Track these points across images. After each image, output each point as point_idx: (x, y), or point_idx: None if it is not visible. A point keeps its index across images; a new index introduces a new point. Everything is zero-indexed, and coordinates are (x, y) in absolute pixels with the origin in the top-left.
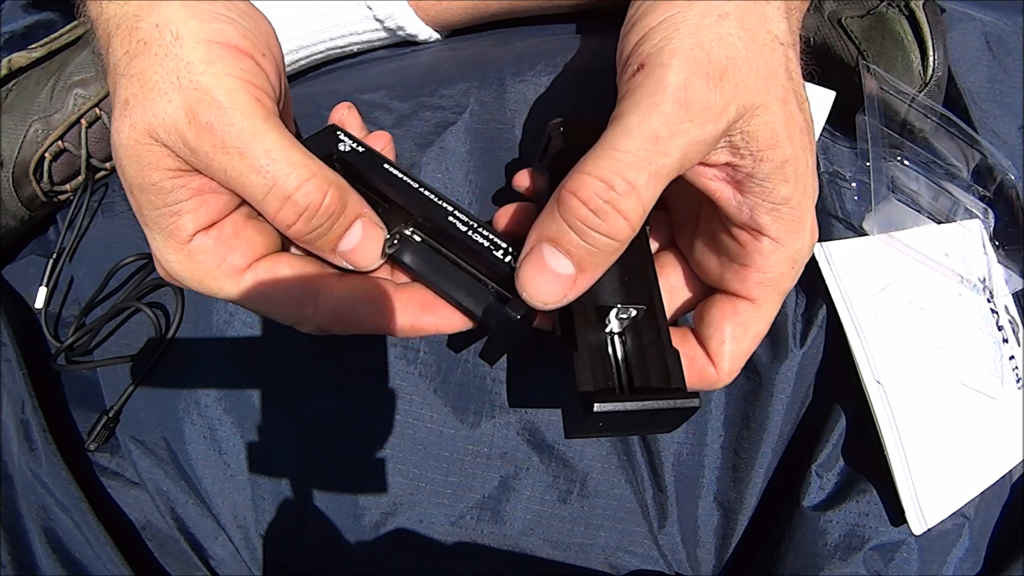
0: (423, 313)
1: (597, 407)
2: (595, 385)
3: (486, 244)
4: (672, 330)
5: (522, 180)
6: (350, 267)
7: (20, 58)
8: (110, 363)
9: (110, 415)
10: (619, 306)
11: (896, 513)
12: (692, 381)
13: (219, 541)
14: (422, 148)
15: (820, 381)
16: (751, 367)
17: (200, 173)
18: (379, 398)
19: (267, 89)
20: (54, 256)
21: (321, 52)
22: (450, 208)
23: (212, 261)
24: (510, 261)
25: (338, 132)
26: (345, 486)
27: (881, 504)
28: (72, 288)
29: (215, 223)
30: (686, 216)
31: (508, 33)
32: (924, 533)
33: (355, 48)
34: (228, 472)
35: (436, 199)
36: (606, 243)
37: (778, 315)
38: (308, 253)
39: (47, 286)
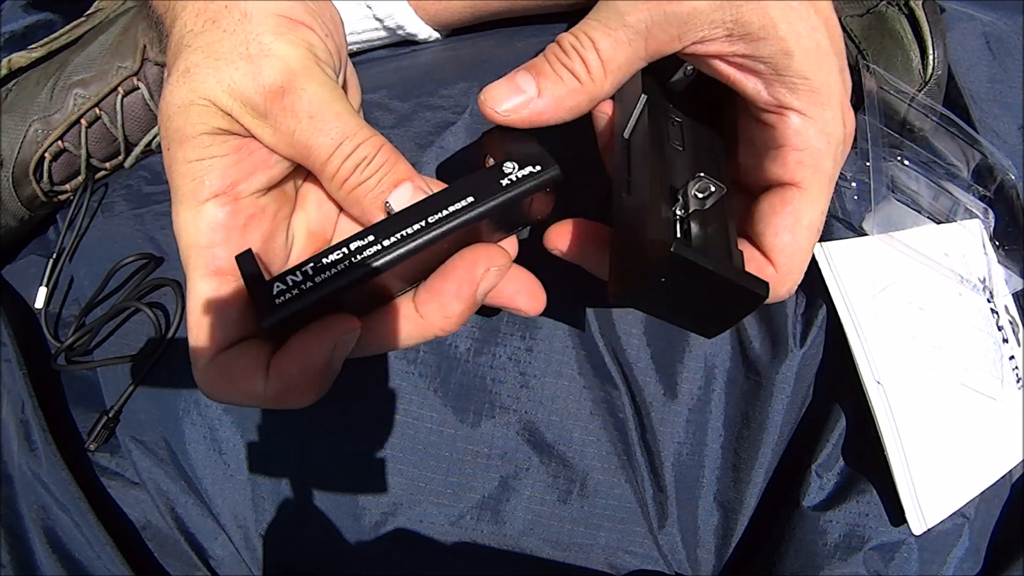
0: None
1: (675, 248)
2: (662, 235)
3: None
4: None
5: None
6: None
7: (20, 58)
8: (110, 363)
9: (110, 415)
10: (701, 175)
11: (896, 513)
12: None
13: (219, 541)
14: (422, 148)
15: (820, 381)
16: (751, 367)
17: (244, 137)
18: (379, 398)
19: (329, 61)
20: (54, 256)
21: None
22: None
23: (205, 237)
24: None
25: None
26: (345, 486)
27: (881, 504)
28: (72, 288)
29: (237, 199)
30: (729, 141)
31: (508, 33)
32: (924, 533)
33: (355, 48)
34: (228, 472)
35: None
36: (568, 77)
37: (778, 315)
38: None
39: (47, 286)
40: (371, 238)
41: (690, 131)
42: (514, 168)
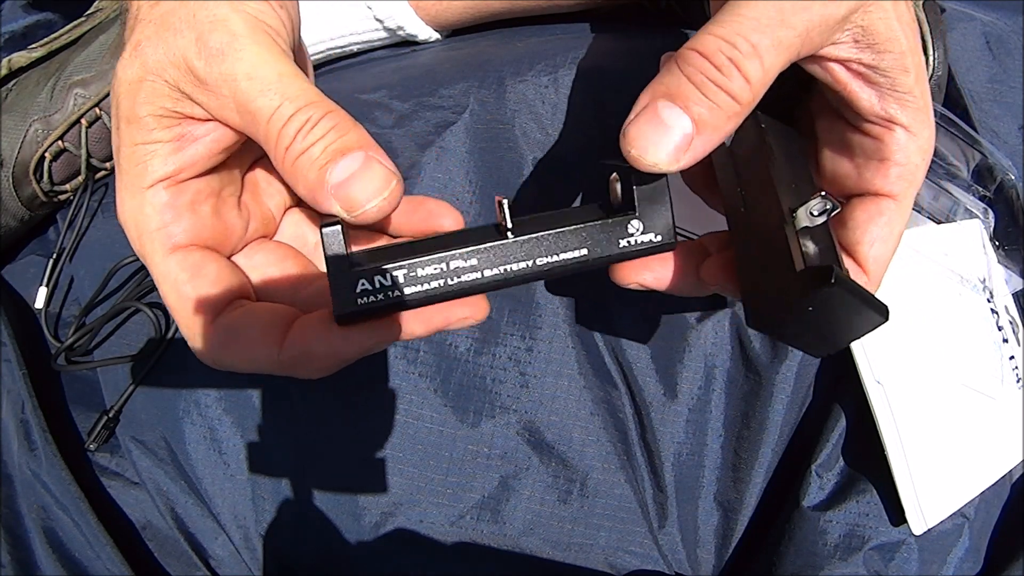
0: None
1: (837, 281)
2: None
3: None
4: None
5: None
6: (344, 214)
7: (20, 58)
8: (110, 363)
9: (110, 415)
10: (823, 194)
11: (896, 513)
12: None
13: (219, 541)
14: (422, 148)
15: (820, 381)
16: (751, 367)
17: (189, 120)
18: (379, 398)
19: (281, 32)
20: (54, 256)
21: (321, 52)
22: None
23: (155, 220)
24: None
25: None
26: (345, 486)
27: (881, 504)
28: (72, 288)
29: (180, 182)
30: (807, 142)
31: (508, 33)
32: (924, 533)
33: (355, 48)
34: (228, 472)
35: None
36: (727, 102)
37: None
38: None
39: (47, 286)
40: (475, 262)
41: (776, 136)
42: (638, 231)
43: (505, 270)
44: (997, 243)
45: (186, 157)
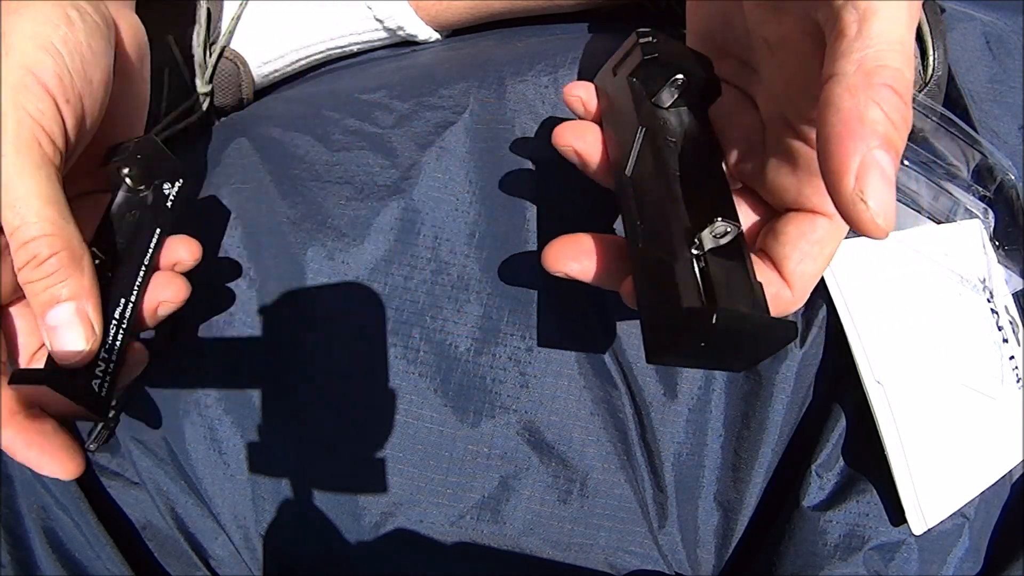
0: (21, 448)
1: (719, 320)
2: (699, 300)
3: (108, 342)
4: None
5: (579, 92)
6: (54, 348)
7: None
8: None
9: (110, 415)
10: (719, 220)
11: (896, 513)
12: (770, 308)
13: (219, 541)
14: (422, 148)
15: (820, 381)
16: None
17: None
18: (379, 398)
19: (56, 135)
20: None
21: (321, 52)
22: (132, 299)
23: None
24: (98, 371)
25: (180, 179)
26: (345, 486)
27: (881, 504)
28: None
29: None
30: (750, 143)
31: (508, 33)
32: (924, 533)
33: (355, 48)
34: (228, 472)
35: (137, 283)
36: (905, 132)
37: None
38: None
39: None
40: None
41: (688, 154)
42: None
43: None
44: (997, 243)
45: None
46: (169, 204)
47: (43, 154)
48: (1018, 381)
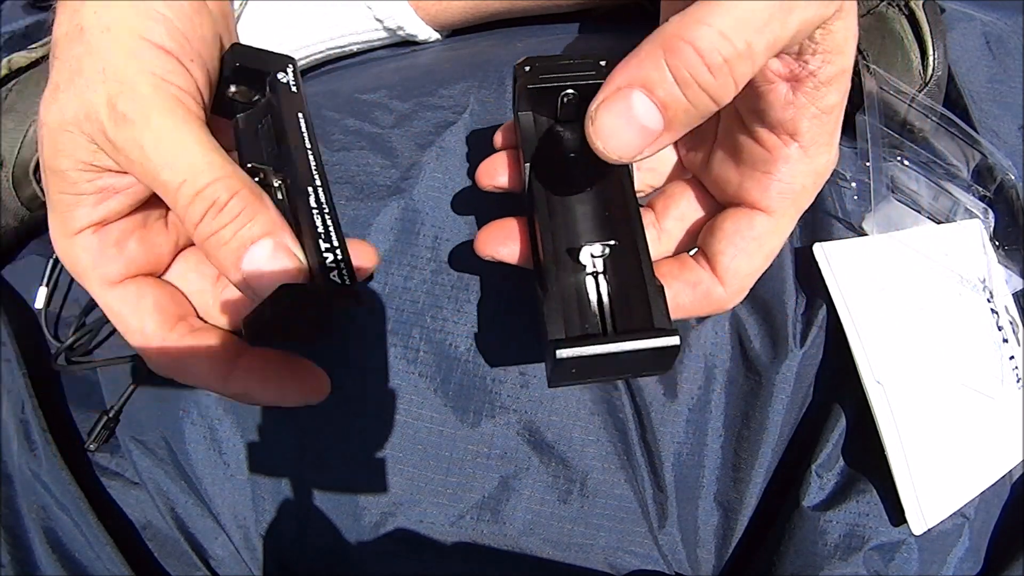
0: (257, 390)
1: (560, 354)
2: (567, 331)
3: (320, 231)
4: (668, 260)
5: (498, 139)
6: (254, 298)
7: (20, 58)
8: (110, 363)
9: (110, 415)
10: (587, 244)
11: (896, 513)
12: (699, 306)
13: (219, 541)
14: (422, 148)
15: (820, 381)
16: (751, 367)
17: (109, 172)
18: (379, 398)
19: (191, 92)
20: (54, 256)
21: (321, 52)
22: (318, 182)
23: (89, 261)
24: (330, 263)
25: (291, 65)
26: (345, 486)
27: (881, 504)
28: (72, 288)
29: (106, 225)
30: (698, 139)
31: (508, 33)
32: (924, 533)
33: (355, 48)
34: (228, 472)
35: (312, 166)
36: (706, 105)
37: (778, 315)
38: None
39: (47, 286)
40: (311, 189)
41: (590, 168)
42: None
43: None
44: (997, 243)
45: (109, 208)
46: (293, 89)
47: (187, 110)
48: (1018, 381)
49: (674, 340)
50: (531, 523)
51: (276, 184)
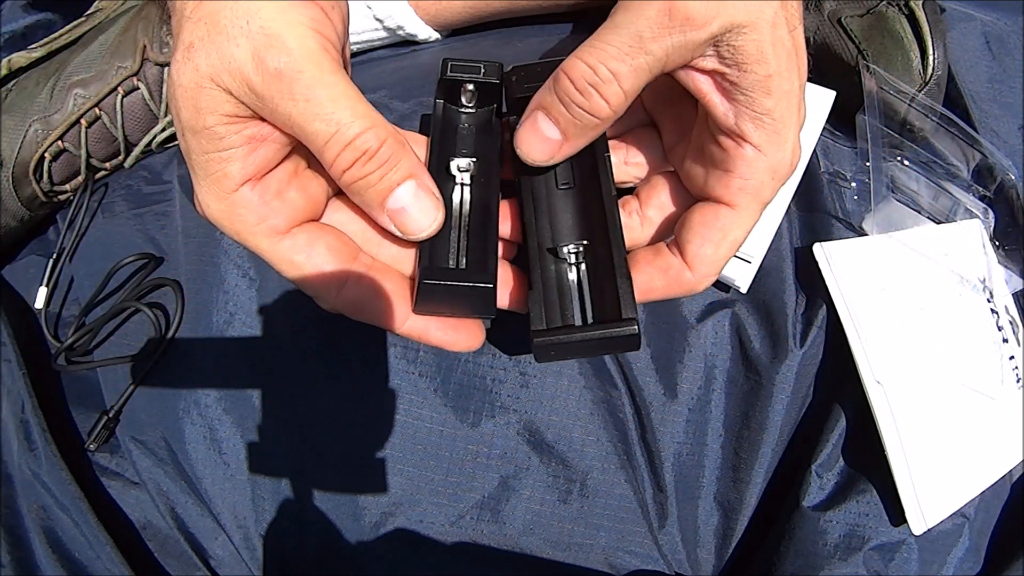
0: (433, 327)
1: (537, 341)
2: (547, 322)
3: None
4: (645, 249)
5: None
6: (398, 232)
7: (20, 58)
8: (110, 363)
9: (110, 415)
10: (566, 244)
11: (896, 513)
12: (670, 289)
13: (219, 541)
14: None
15: (820, 381)
16: (751, 367)
17: (254, 120)
18: (379, 398)
19: (334, 39)
20: (54, 256)
21: None
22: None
23: (253, 217)
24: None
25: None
26: (345, 486)
27: (881, 504)
28: (72, 288)
29: (262, 176)
30: (679, 135)
31: (508, 33)
32: (924, 533)
33: (355, 48)
34: (228, 472)
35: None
36: (588, 118)
37: (778, 315)
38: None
39: (47, 286)
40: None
41: (573, 167)
42: None
43: None
44: (997, 243)
45: (261, 157)
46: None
47: (333, 59)
48: (1018, 381)
49: (633, 329)
50: (531, 523)
51: (467, 181)
